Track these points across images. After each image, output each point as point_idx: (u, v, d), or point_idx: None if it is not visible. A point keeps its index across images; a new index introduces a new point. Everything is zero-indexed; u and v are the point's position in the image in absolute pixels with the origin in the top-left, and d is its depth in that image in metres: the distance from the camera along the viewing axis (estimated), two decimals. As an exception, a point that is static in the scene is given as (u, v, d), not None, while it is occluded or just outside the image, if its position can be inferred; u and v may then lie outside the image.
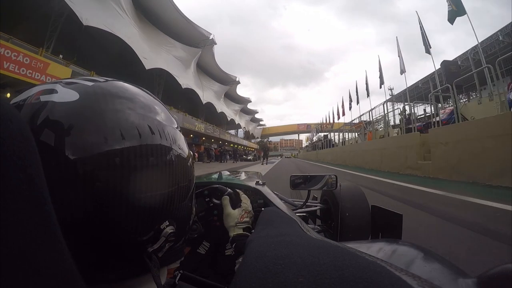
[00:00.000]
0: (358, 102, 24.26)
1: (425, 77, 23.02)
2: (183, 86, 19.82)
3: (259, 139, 61.68)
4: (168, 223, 0.31)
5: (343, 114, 31.41)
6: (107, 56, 15.86)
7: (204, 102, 24.67)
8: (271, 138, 71.63)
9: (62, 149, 0.24)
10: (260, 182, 0.89)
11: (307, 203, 1.22)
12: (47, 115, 0.25)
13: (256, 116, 56.44)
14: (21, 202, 0.14)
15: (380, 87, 18.25)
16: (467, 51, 16.96)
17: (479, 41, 10.99)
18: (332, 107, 61.08)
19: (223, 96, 32.74)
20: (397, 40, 15.84)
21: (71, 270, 0.17)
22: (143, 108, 0.31)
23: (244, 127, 45.95)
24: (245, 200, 0.70)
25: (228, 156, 27.94)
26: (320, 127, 45.74)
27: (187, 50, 21.05)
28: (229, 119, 34.00)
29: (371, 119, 13.33)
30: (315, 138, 47.74)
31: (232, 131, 42.30)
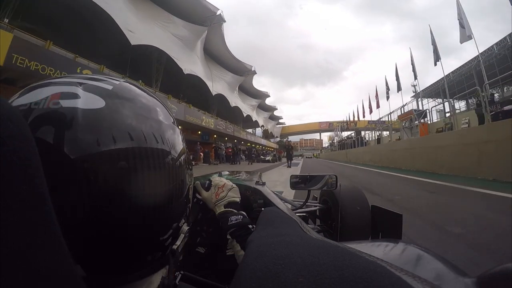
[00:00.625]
0: (388, 98, 24.16)
1: (459, 68, 23.78)
2: (185, 72, 17.01)
3: (278, 139, 59.87)
4: (184, 221, 0.34)
5: (370, 112, 31.30)
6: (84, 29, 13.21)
7: (214, 93, 21.98)
8: (291, 138, 68.82)
9: (95, 156, 0.25)
10: (260, 182, 0.89)
11: (307, 203, 1.25)
12: (79, 124, 0.25)
13: (275, 113, 53.13)
14: (21, 202, 0.14)
15: (415, 79, 19.60)
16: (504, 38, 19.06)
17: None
18: (357, 105, 60.79)
19: (237, 88, 29.31)
20: (430, 29, 16.88)
21: (71, 271, 0.17)
22: (157, 113, 0.32)
23: (263, 125, 42.34)
24: (216, 179, 0.71)
25: (244, 156, 25.60)
26: (345, 125, 45.21)
27: (189, 28, 17.62)
28: (244, 115, 31.25)
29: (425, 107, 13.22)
30: (336, 138, 48.17)
31: (250, 130, 39.54)
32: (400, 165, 10.21)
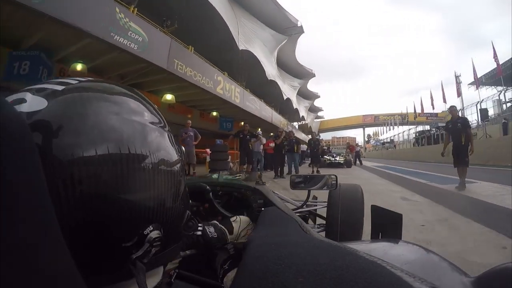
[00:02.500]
0: (459, 94, 19.61)
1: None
2: (269, 78, 14.65)
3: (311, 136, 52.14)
4: (152, 228, 0.29)
5: (444, 101, 23.45)
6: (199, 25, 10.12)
7: (285, 97, 18.82)
8: (322, 135, 63.67)
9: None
10: (260, 181, 0.85)
11: (307, 203, 1.20)
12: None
13: (315, 104, 41.30)
14: (21, 202, 0.13)
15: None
16: None
17: None
18: (419, 97, 48.14)
19: (296, 91, 25.96)
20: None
21: (71, 270, 0.17)
22: (121, 109, 0.29)
23: (309, 124, 36.26)
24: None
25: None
26: (406, 118, 34.79)
27: (275, 36, 15.69)
28: (300, 116, 28.19)
29: None
30: (383, 134, 40.13)
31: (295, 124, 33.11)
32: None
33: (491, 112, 16.29)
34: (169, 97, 8.13)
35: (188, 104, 9.58)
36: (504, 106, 16.87)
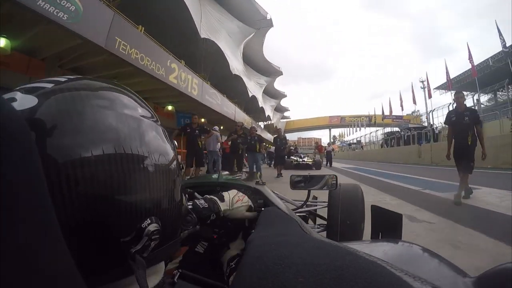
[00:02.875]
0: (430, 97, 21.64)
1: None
2: (233, 72, 13.71)
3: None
4: (150, 221, 0.29)
5: (414, 103, 26.00)
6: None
7: (250, 95, 17.68)
8: (289, 136, 64.88)
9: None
10: (260, 182, 0.86)
11: (307, 203, 1.21)
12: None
13: (282, 103, 40.36)
14: (21, 202, 0.13)
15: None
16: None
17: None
18: (389, 98, 51.15)
19: (263, 89, 25.26)
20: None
21: (71, 270, 0.17)
22: (114, 105, 0.29)
23: (276, 126, 38.41)
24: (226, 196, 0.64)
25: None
26: (374, 120, 35.36)
27: (242, 28, 14.76)
28: (266, 115, 27.18)
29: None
30: (349, 136, 41.26)
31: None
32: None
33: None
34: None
35: (139, 95, 8.81)
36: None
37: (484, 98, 24.22)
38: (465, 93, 4.85)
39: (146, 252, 0.28)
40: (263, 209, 0.67)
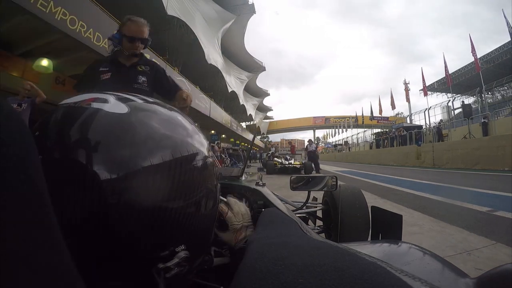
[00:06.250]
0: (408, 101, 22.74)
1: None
2: (209, 62, 12.56)
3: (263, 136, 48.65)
4: (184, 247, 0.32)
5: (393, 108, 28.46)
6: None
7: (230, 90, 17.01)
8: (271, 137, 63.79)
9: (99, 158, 0.27)
10: (260, 183, 0.85)
11: (307, 204, 1.21)
12: (97, 121, 0.29)
13: (265, 103, 38.45)
14: (21, 202, 0.13)
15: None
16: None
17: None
18: (378, 97, 48.28)
19: (244, 86, 23.66)
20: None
21: (70, 271, 0.17)
22: (182, 131, 0.34)
23: (258, 125, 34.45)
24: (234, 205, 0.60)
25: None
26: (362, 120, 34.13)
27: (220, 14, 13.59)
28: (248, 114, 25.62)
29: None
30: (334, 137, 39.66)
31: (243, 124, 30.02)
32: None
33: (440, 118, 17.23)
34: (44, 62, 5.50)
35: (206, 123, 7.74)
36: (452, 112, 17.71)
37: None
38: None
39: (169, 273, 0.30)
40: (263, 210, 0.66)
